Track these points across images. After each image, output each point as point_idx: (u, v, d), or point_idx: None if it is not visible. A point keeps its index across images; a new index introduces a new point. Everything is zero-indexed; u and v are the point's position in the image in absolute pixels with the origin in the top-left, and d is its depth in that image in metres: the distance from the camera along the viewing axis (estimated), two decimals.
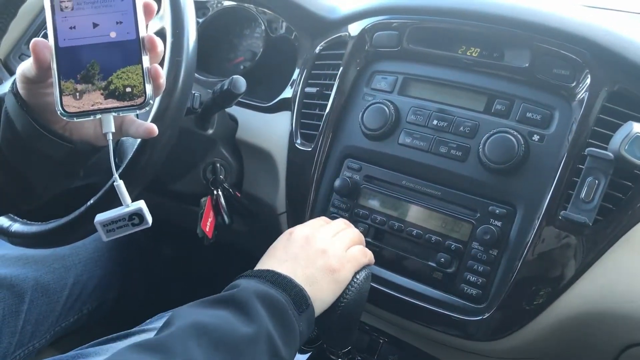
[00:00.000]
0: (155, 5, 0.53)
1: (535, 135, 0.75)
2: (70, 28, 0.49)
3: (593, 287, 0.72)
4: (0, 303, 0.89)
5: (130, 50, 0.50)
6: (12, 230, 0.77)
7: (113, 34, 0.50)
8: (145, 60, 0.51)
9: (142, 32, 0.51)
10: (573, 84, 0.74)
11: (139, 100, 0.51)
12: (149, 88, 0.51)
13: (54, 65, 0.50)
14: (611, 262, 0.71)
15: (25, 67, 0.53)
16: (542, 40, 0.76)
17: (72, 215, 0.74)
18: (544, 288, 0.73)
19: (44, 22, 1.35)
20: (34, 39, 0.50)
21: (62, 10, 0.49)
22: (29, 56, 1.27)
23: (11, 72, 1.27)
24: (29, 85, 0.54)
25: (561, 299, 0.72)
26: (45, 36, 1.17)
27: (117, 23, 0.50)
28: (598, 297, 0.71)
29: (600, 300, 0.71)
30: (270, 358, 0.56)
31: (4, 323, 0.88)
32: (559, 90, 0.75)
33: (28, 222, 0.78)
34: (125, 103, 0.51)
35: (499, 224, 0.76)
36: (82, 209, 0.73)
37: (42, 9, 1.37)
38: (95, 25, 0.50)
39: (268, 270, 0.64)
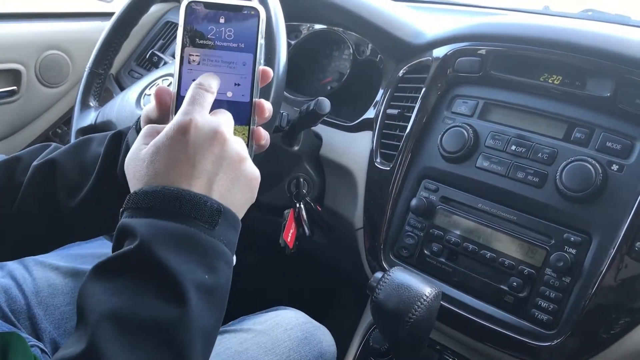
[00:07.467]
0: (271, 73, 0.56)
1: (614, 165, 0.75)
2: (193, 80, 0.52)
3: None
4: None
5: (242, 111, 0.54)
6: None
7: (229, 94, 0.54)
8: (253, 121, 0.54)
9: (255, 97, 0.54)
10: None
11: None
12: (251, 146, 0.55)
13: (173, 109, 0.54)
14: None
15: (149, 108, 0.58)
16: (625, 71, 0.76)
17: None
18: (616, 318, 0.72)
19: (150, 43, 1.48)
20: (159, 86, 0.55)
21: (189, 62, 0.53)
22: (137, 72, 1.38)
23: (121, 86, 1.39)
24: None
25: (634, 331, 0.71)
26: (152, 60, 1.26)
27: (235, 85, 0.54)
28: None
29: None
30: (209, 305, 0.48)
31: None
32: None
33: None
34: None
35: (573, 251, 0.76)
36: None
37: (149, 31, 1.50)
38: None
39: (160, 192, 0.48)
